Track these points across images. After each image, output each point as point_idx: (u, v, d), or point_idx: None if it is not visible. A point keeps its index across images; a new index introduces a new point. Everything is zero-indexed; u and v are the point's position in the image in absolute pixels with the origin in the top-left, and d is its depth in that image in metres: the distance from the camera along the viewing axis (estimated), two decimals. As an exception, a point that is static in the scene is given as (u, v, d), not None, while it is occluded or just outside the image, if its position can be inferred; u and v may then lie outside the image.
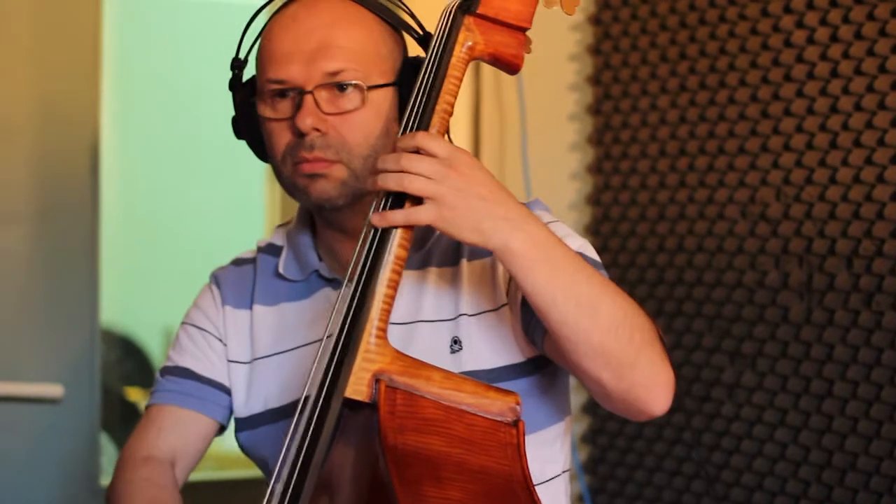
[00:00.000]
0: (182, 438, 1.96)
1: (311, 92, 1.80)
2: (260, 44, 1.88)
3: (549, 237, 1.66)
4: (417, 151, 1.65)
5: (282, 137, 1.84)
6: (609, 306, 1.66)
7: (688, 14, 3.13)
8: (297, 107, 1.81)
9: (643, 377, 1.68)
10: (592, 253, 1.85)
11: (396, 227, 1.66)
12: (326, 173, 1.82)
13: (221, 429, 2.01)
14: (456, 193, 1.63)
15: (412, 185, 1.63)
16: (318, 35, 1.82)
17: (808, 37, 2.85)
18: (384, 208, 1.67)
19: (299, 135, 1.81)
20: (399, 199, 1.67)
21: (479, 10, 1.75)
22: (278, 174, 1.88)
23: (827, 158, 2.80)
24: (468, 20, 1.75)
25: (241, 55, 1.92)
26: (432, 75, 1.74)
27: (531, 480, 1.62)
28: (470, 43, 1.75)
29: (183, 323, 2.03)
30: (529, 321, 1.79)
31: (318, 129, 1.81)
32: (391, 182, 1.65)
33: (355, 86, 1.81)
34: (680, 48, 3.15)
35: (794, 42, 2.88)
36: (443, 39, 1.75)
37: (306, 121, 1.80)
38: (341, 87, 1.81)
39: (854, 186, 2.74)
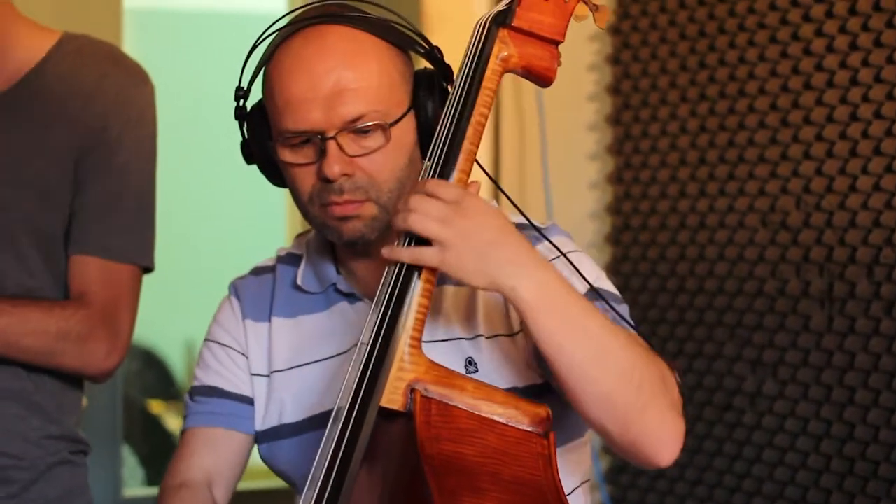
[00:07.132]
0: (216, 458, 1.95)
1: (333, 137, 1.78)
2: (270, 83, 1.84)
3: (558, 283, 1.66)
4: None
5: (306, 181, 1.82)
6: (618, 356, 1.66)
7: (706, 23, 3.13)
8: (322, 152, 1.79)
9: (649, 429, 1.67)
10: (608, 285, 1.85)
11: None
12: (358, 214, 1.81)
13: (256, 440, 2.00)
14: (462, 237, 1.63)
15: (417, 225, 1.64)
16: (333, 77, 1.78)
17: (827, 45, 2.85)
18: (399, 245, 1.69)
19: (326, 180, 1.79)
20: (418, 238, 1.67)
21: (514, 23, 1.75)
22: (305, 213, 1.86)
23: (847, 166, 2.80)
24: (503, 33, 1.75)
25: (244, 82, 1.88)
26: (467, 86, 1.73)
27: (563, 491, 1.62)
28: (504, 55, 1.75)
29: (205, 340, 2.03)
30: (539, 355, 1.79)
31: (345, 174, 1.79)
32: (399, 220, 1.66)
33: (378, 125, 1.79)
34: (699, 57, 3.15)
35: (814, 50, 2.88)
36: (478, 51, 1.75)
37: (334, 168, 1.78)
38: (364, 130, 1.80)
39: (874, 194, 2.74)
